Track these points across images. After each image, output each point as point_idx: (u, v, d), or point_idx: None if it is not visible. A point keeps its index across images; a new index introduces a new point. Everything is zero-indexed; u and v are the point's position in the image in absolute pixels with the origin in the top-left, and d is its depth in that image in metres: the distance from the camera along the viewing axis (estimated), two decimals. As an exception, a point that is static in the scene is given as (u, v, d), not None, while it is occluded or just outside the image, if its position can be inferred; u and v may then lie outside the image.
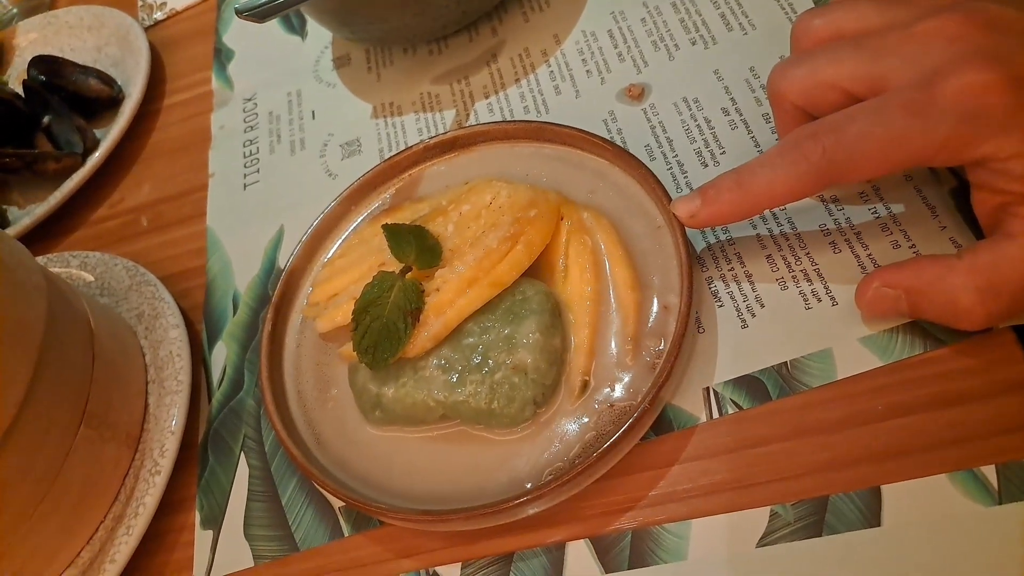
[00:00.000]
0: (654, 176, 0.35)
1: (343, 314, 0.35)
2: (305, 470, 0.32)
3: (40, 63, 0.56)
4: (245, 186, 0.49)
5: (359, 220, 0.41)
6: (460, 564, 0.31)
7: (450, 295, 0.33)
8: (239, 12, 0.34)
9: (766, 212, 0.35)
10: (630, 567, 0.29)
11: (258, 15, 0.34)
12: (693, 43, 0.43)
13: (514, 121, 0.40)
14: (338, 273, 0.37)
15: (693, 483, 0.30)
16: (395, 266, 0.34)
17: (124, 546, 0.34)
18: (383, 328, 0.32)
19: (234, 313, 0.43)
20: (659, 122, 0.41)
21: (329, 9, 0.45)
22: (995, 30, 0.25)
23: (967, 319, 0.26)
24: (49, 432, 0.33)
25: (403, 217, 0.39)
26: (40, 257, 0.48)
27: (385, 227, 0.34)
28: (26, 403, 0.31)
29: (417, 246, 0.34)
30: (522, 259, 0.33)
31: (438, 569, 0.31)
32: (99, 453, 0.35)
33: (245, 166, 0.50)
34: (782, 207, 0.34)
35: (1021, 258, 0.25)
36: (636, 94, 0.42)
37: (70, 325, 0.36)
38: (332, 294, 0.37)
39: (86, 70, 0.56)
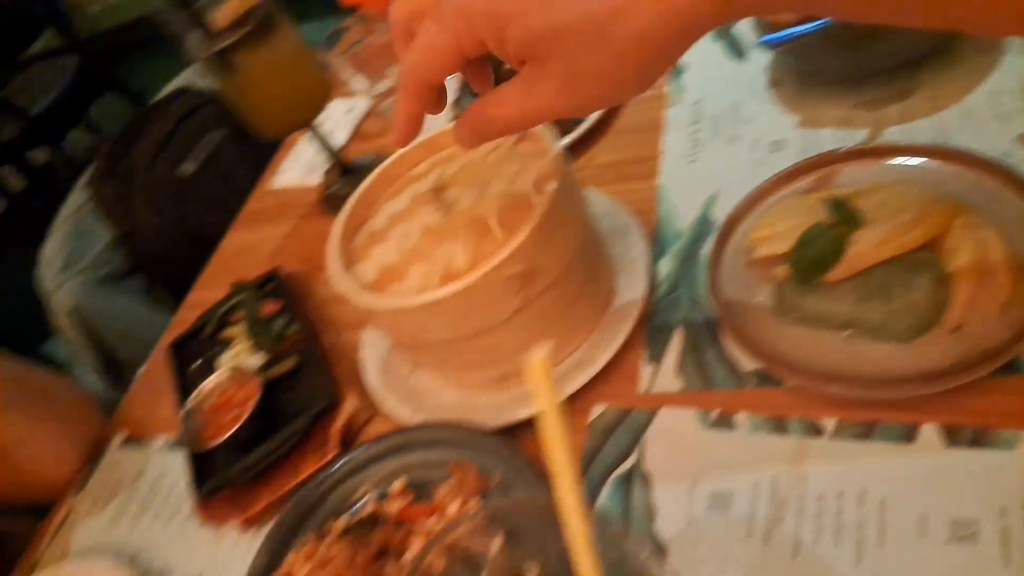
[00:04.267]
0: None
1: (780, 247, 0.52)
2: (738, 334, 0.50)
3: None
4: (689, 162, 0.68)
5: (783, 193, 0.58)
6: (837, 420, 0.47)
7: (867, 247, 0.48)
8: (765, 43, 0.53)
9: None
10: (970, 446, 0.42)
11: (777, 44, 0.53)
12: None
13: (923, 146, 0.54)
14: (776, 222, 0.55)
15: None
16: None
17: (601, 355, 0.55)
18: (816, 257, 0.49)
19: (672, 243, 0.63)
20: (1051, 163, 0.52)
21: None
22: None
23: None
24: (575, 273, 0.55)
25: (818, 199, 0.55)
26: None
27: (832, 199, 0.50)
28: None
29: (848, 212, 0.50)
30: (925, 232, 0.47)
31: (819, 420, 0.47)
32: (592, 298, 0.57)
33: (691, 147, 0.70)
34: None
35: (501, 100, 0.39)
36: (1034, 140, 0.53)
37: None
38: (766, 236, 0.55)
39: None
